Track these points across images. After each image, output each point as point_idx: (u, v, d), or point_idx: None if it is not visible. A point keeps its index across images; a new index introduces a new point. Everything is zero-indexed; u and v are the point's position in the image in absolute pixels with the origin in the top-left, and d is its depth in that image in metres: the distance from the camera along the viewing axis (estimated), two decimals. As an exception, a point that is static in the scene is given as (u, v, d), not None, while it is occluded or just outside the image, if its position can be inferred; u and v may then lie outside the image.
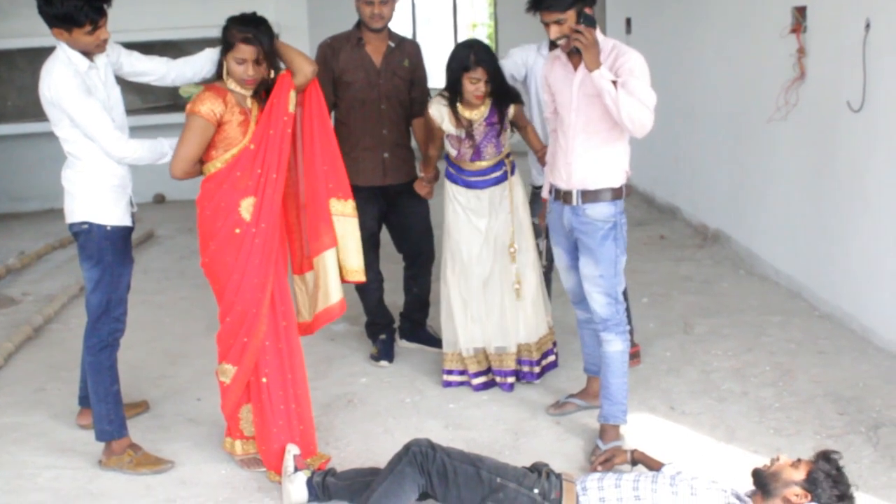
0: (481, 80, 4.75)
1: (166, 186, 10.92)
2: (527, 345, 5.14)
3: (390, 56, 5.41)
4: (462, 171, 5.04)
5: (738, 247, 7.51)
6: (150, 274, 7.80)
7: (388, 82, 5.39)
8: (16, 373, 5.69)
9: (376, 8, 5.24)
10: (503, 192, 5.04)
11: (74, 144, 4.27)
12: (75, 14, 4.09)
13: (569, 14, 4.09)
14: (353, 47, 5.37)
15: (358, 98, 5.37)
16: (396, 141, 5.47)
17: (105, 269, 4.38)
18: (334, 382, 5.35)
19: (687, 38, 8.65)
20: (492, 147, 4.95)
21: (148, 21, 10.60)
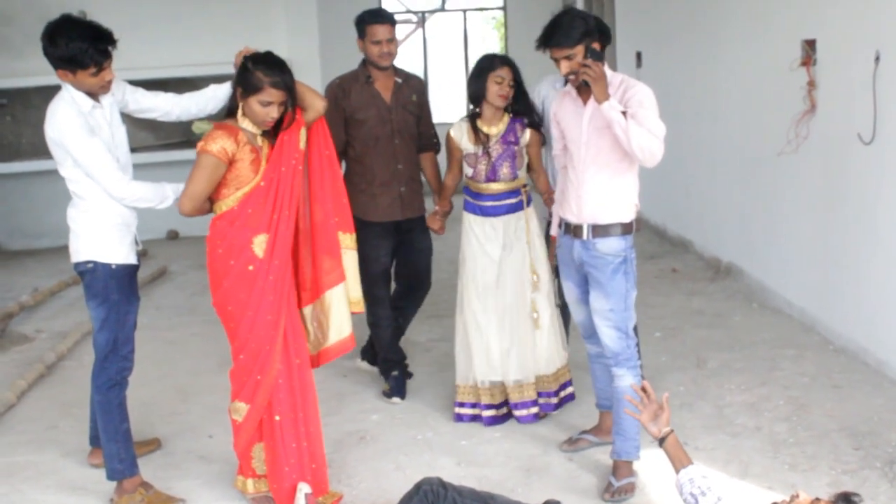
0: (505, 80, 4.88)
1: (180, 223, 10.93)
2: (545, 376, 5.12)
3: (399, 92, 5.50)
4: (478, 196, 5.08)
5: (750, 280, 7.48)
6: (162, 310, 7.81)
7: (399, 118, 5.48)
8: (28, 410, 5.69)
9: (384, 47, 5.36)
10: (518, 222, 5.07)
11: (78, 184, 4.30)
12: (80, 56, 4.14)
13: (577, 49, 4.14)
14: (362, 86, 5.45)
15: (372, 135, 5.44)
16: (411, 175, 5.56)
17: (111, 307, 4.39)
18: (346, 419, 5.34)
19: (697, 71, 8.67)
20: (507, 168, 4.99)
21: (162, 58, 10.70)
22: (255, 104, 4.08)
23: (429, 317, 7.27)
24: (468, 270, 5.14)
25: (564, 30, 4.16)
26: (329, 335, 4.39)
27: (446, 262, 9.11)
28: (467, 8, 14.99)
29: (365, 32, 5.39)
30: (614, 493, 4.29)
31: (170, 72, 10.67)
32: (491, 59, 4.94)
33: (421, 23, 15.13)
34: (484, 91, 4.91)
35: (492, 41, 19.69)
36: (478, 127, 5.00)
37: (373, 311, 5.60)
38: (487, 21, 19.19)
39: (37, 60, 4.36)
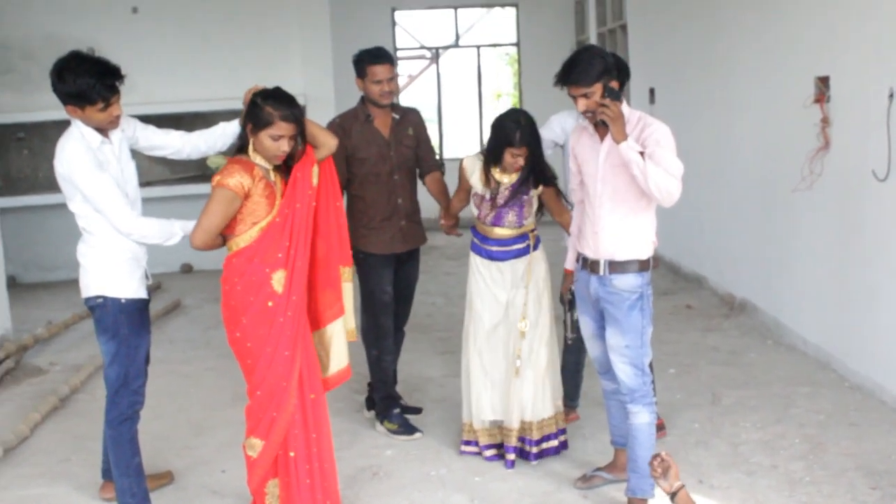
0: (522, 157, 4.86)
1: (193, 256, 10.98)
2: (529, 423, 5.06)
3: (397, 128, 5.58)
4: (485, 239, 5.08)
5: (765, 317, 7.46)
6: (176, 344, 7.82)
7: (398, 153, 5.55)
8: (42, 443, 5.69)
9: (385, 86, 5.42)
10: (525, 266, 5.05)
11: (87, 219, 4.34)
12: (87, 92, 4.20)
13: (595, 87, 4.15)
14: (362, 124, 5.51)
15: (372, 172, 5.50)
16: (411, 208, 5.64)
17: (121, 342, 4.41)
18: (359, 454, 5.32)
19: (711, 107, 8.69)
20: (513, 216, 4.98)
21: (177, 93, 10.80)
22: (265, 139, 4.11)
23: (442, 352, 7.28)
24: (474, 310, 5.14)
25: (582, 68, 4.17)
26: (329, 366, 4.43)
27: (459, 298, 9.10)
28: (481, 44, 15.07)
29: (365, 72, 5.44)
30: None
31: (184, 106, 10.76)
32: (513, 132, 4.82)
33: (435, 58, 15.20)
34: (500, 159, 4.90)
35: (505, 76, 19.79)
36: (490, 172, 4.98)
37: (378, 344, 5.65)
38: (501, 57, 19.29)
39: (53, 95, 4.41)
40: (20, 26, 10.77)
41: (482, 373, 5.10)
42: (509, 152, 4.83)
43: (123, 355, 4.42)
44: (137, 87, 10.77)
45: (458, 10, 14.67)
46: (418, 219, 5.71)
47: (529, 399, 5.02)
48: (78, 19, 10.79)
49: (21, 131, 10.89)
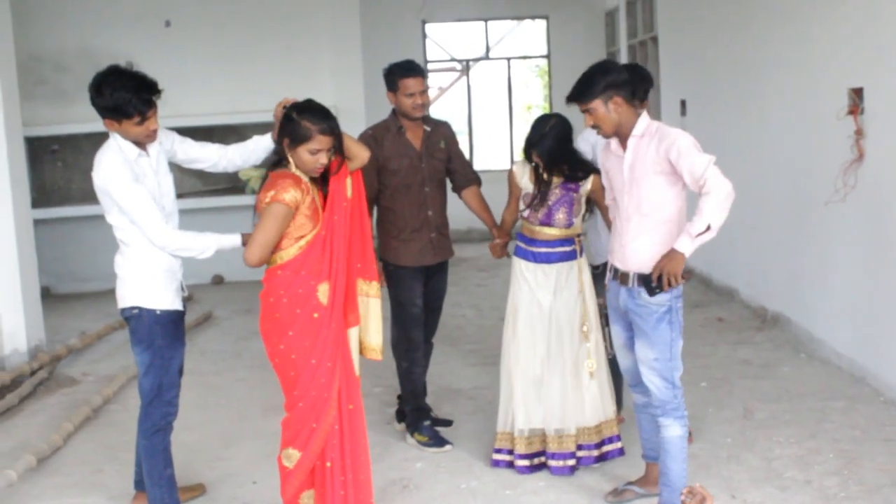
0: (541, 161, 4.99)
1: (225, 268, 11.05)
2: (587, 428, 5.07)
3: (428, 140, 5.58)
4: (532, 241, 5.10)
5: (798, 330, 7.40)
6: (207, 355, 7.86)
7: (429, 165, 5.56)
8: (75, 453, 5.73)
9: (417, 99, 5.43)
10: (570, 270, 5.08)
11: (124, 231, 4.39)
12: (124, 106, 4.25)
13: (595, 104, 4.26)
14: (394, 136, 5.52)
15: (403, 184, 5.51)
16: (440, 221, 5.64)
17: (156, 353, 4.45)
18: (390, 466, 5.32)
19: (743, 119, 8.65)
20: (563, 214, 5.01)
21: (209, 106, 10.88)
22: (304, 153, 4.13)
23: (472, 364, 7.27)
24: (517, 317, 5.12)
25: (582, 85, 4.29)
26: None
27: (490, 309, 9.12)
28: (511, 56, 15.08)
29: (397, 85, 5.45)
30: None
31: (216, 119, 10.85)
32: (529, 143, 5.10)
33: (465, 71, 15.23)
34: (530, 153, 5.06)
35: (535, 89, 19.79)
36: (539, 171, 5.04)
37: (409, 356, 5.64)
38: (531, 69, 19.29)
39: (87, 107, 4.47)
40: (54, 39, 10.89)
41: (522, 379, 5.08)
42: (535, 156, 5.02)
43: (157, 366, 4.46)
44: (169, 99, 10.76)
45: (488, 23, 14.70)
46: (447, 232, 5.70)
47: (590, 402, 5.05)
48: (111, 32, 10.90)
49: (55, 144, 11.00)
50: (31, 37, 10.45)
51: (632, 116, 4.32)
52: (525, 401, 5.08)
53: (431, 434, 5.61)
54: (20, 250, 7.64)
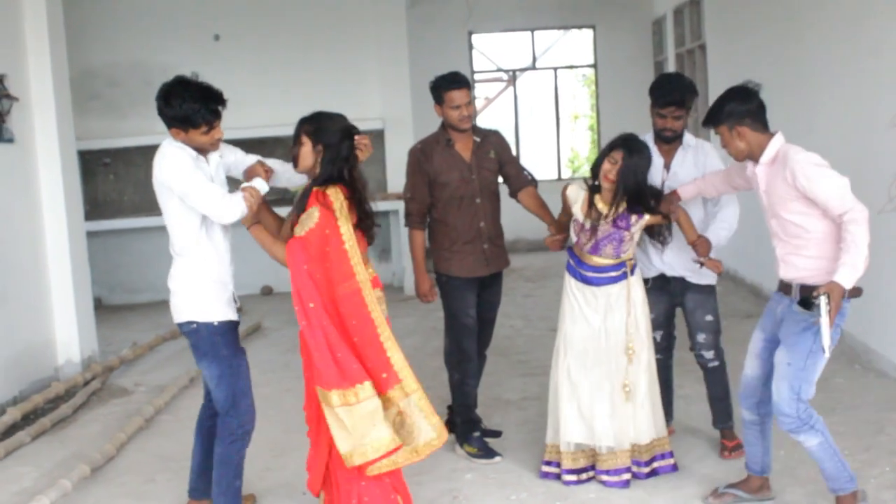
0: (616, 167, 4.82)
1: (274, 279, 11.13)
2: (638, 445, 5.05)
3: (478, 151, 5.57)
4: (581, 263, 5.05)
5: (852, 341, 7.28)
6: (256, 366, 7.80)
7: (480, 177, 5.54)
8: (127, 463, 5.79)
9: (464, 110, 5.44)
10: (620, 290, 5.03)
11: (179, 238, 4.47)
12: (193, 116, 4.34)
13: (721, 129, 4.48)
14: (443, 149, 5.53)
15: (455, 196, 5.51)
16: (493, 232, 5.62)
17: (222, 363, 4.51)
18: (440, 477, 5.31)
19: (792, 128, 8.49)
20: (611, 248, 4.95)
21: (257, 118, 10.98)
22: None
23: (522, 374, 7.25)
24: (565, 331, 5.10)
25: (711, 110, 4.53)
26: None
27: (539, 320, 9.09)
28: (558, 66, 15.06)
29: (443, 98, 5.46)
30: None
31: (265, 131, 10.96)
32: (615, 140, 4.94)
33: (512, 80, 15.24)
34: (598, 168, 4.93)
35: (582, 98, 19.74)
36: (593, 201, 4.94)
37: (460, 368, 5.63)
38: (578, 78, 19.25)
39: (139, 121, 4.57)
40: (106, 54, 11.07)
41: (570, 394, 5.05)
42: (608, 158, 4.85)
43: (228, 376, 4.52)
44: (219, 112, 11.00)
45: (534, 33, 14.70)
46: (501, 242, 5.69)
47: (641, 421, 5.02)
48: (161, 47, 11.05)
49: (107, 157, 11.17)
50: (84, 52, 10.62)
51: (760, 142, 4.40)
52: (571, 417, 5.05)
53: (481, 445, 5.59)
54: (73, 262, 7.75)
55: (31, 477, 5.64)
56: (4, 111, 7.17)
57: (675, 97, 5.19)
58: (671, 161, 5.32)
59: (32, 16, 7.53)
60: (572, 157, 19.05)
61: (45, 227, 7.63)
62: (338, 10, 11.30)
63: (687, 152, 5.32)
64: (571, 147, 19.11)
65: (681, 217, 5.04)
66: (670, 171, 5.29)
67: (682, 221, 5.05)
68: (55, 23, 7.73)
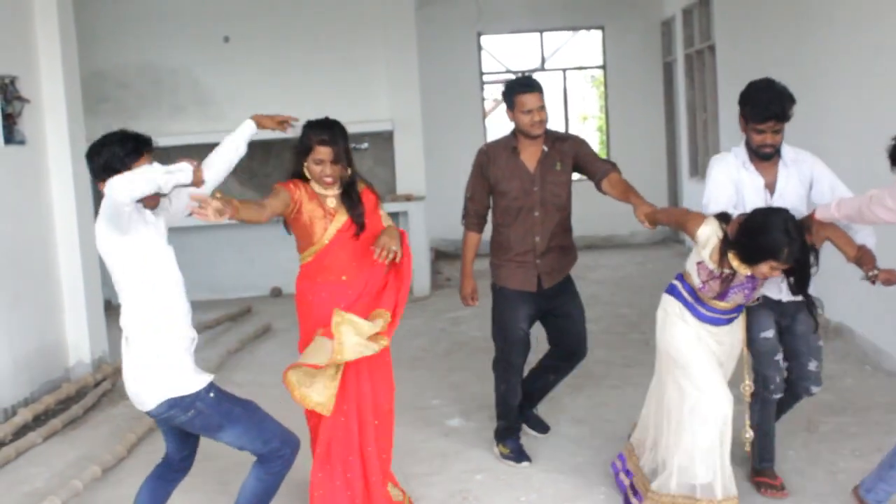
0: (779, 270, 4.24)
1: (283, 280, 11.14)
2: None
3: (545, 161, 5.30)
4: (698, 300, 4.47)
5: (862, 341, 7.28)
6: (266, 367, 7.92)
7: (542, 189, 5.29)
8: (138, 464, 5.79)
9: (536, 115, 5.19)
10: (733, 326, 4.59)
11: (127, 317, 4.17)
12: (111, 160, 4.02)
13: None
14: (509, 155, 5.32)
15: (513, 206, 5.32)
16: (550, 246, 5.35)
17: (235, 421, 4.09)
18: (450, 478, 5.32)
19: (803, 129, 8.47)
20: (741, 296, 4.41)
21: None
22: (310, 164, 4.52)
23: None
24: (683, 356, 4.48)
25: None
26: None
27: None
28: (567, 67, 15.06)
29: (514, 102, 5.23)
30: None
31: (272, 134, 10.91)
32: (781, 248, 4.12)
33: (520, 82, 15.23)
34: (753, 261, 4.20)
35: (591, 99, 19.73)
36: (727, 255, 4.27)
37: (506, 378, 5.50)
38: (587, 80, 19.24)
39: (148, 122, 4.59)
40: (116, 56, 11.10)
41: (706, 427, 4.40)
42: (768, 264, 4.16)
43: (248, 429, 4.11)
44: (228, 114, 11.03)
45: (543, 34, 14.70)
46: (557, 256, 5.39)
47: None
48: (171, 49, 11.09)
49: (118, 159, 11.17)
50: (94, 54, 10.65)
51: None
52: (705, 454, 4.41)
53: (514, 447, 5.51)
54: (84, 263, 7.77)
55: (42, 478, 5.66)
56: (16, 113, 7.20)
57: (775, 110, 4.61)
58: (774, 181, 4.69)
59: (43, 18, 7.56)
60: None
61: (56, 228, 7.66)
62: (347, 11, 11.32)
63: (789, 168, 4.73)
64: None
65: (832, 236, 4.46)
66: (775, 193, 4.66)
67: (837, 240, 4.45)
68: (66, 25, 7.76)
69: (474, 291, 5.60)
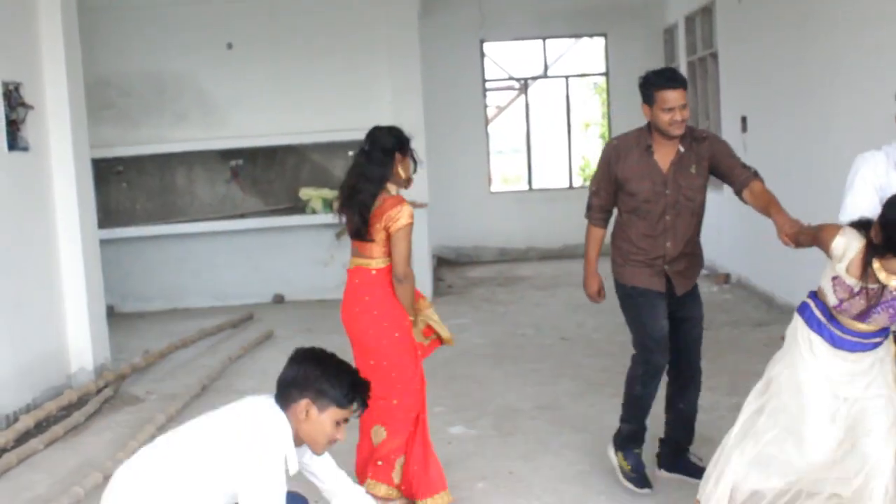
0: None
1: (285, 287, 11.16)
2: None
3: (679, 162, 4.82)
4: (833, 321, 3.94)
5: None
6: (268, 374, 7.85)
7: (675, 192, 4.82)
8: (139, 471, 5.79)
9: (677, 114, 4.70)
10: (878, 356, 3.95)
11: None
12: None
13: None
14: (641, 153, 4.84)
15: (642, 209, 4.86)
16: (681, 253, 4.91)
17: None
18: (451, 486, 5.25)
19: (806, 135, 8.54)
20: (885, 317, 3.82)
21: (269, 126, 11.06)
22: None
23: (534, 384, 7.22)
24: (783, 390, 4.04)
25: None
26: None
27: (549, 329, 9.08)
28: (569, 74, 15.08)
29: (653, 98, 4.72)
30: None
31: (278, 139, 11.04)
32: None
33: (523, 89, 15.26)
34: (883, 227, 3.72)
35: (594, 106, 19.75)
36: (871, 265, 3.74)
37: (644, 380, 5.00)
38: (589, 87, 19.27)
39: (151, 129, 4.55)
40: (119, 63, 11.12)
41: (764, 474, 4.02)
42: None
43: None
44: (231, 120, 11.06)
45: (546, 41, 14.72)
46: (688, 263, 4.96)
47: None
48: (175, 56, 11.11)
49: (120, 165, 11.20)
50: (98, 61, 10.67)
51: None
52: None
53: (636, 465, 5.05)
54: (87, 270, 7.77)
55: (44, 484, 5.66)
56: (20, 120, 7.21)
57: None
58: None
59: (48, 25, 7.57)
60: (583, 166, 19.05)
61: (58, 234, 7.66)
62: (350, 18, 11.33)
63: None
64: (583, 155, 19.10)
65: None
66: None
67: None
68: (70, 32, 7.77)
69: (601, 288, 5.15)
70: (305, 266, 11.19)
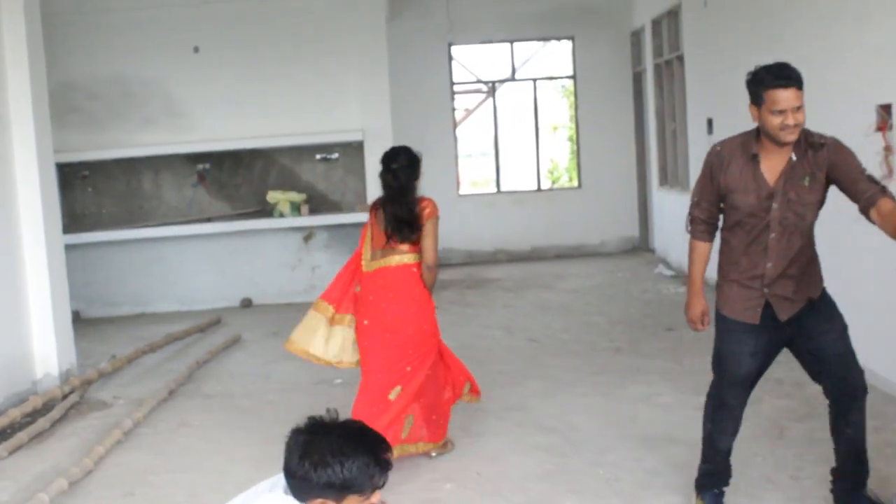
0: None
1: (253, 291, 11.12)
2: None
3: (790, 172, 4.29)
4: None
5: (829, 348, 7.32)
6: (236, 378, 7.89)
7: (782, 207, 4.28)
8: (105, 477, 5.76)
9: (789, 117, 4.20)
10: None
11: None
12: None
13: None
14: (746, 162, 4.33)
15: (745, 224, 4.34)
16: (786, 273, 4.36)
17: None
18: (420, 487, 5.31)
19: (770, 137, 8.61)
20: None
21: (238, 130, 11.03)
22: None
23: (502, 385, 7.22)
24: None
25: None
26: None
27: (518, 330, 9.09)
28: (537, 77, 15.13)
29: (763, 98, 4.23)
30: None
31: (245, 143, 11.02)
32: None
33: (491, 92, 15.28)
34: None
35: (561, 109, 19.82)
36: None
37: (715, 418, 4.60)
38: (557, 89, 19.34)
39: (117, 133, 4.53)
40: (85, 67, 11.05)
41: None
42: None
43: None
44: (198, 124, 11.02)
45: (514, 44, 14.75)
46: (795, 285, 4.39)
47: None
48: (141, 59, 11.05)
49: (86, 170, 11.14)
50: (63, 65, 10.61)
51: None
52: None
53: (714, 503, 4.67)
54: (52, 275, 7.72)
55: (8, 491, 5.61)
56: (-18, 125, 7.16)
57: None
58: None
59: (11, 31, 7.51)
60: (552, 168, 19.12)
61: (22, 239, 7.61)
62: (318, 22, 11.32)
63: None
64: (551, 158, 19.19)
65: None
66: None
67: None
68: (34, 39, 7.71)
69: (705, 314, 4.58)
70: (273, 270, 11.17)
